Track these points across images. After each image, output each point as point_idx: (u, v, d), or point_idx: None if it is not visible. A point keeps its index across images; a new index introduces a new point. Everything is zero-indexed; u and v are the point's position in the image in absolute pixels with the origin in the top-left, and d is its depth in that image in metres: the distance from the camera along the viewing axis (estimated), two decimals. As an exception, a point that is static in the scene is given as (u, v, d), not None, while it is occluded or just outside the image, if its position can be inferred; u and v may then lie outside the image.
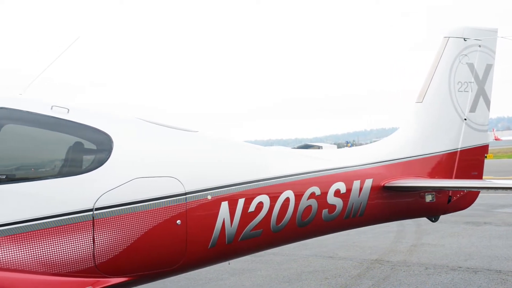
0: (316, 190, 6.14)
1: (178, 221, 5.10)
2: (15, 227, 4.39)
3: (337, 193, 6.33)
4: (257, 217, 5.65)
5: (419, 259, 10.88)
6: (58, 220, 4.55)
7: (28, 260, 4.42)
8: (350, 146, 53.58)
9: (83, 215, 4.65)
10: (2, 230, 4.35)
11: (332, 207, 6.29)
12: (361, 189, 6.57)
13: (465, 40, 7.90)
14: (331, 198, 6.27)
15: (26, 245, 4.41)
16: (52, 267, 4.50)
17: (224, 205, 5.41)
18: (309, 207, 6.07)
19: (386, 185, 6.80)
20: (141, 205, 4.90)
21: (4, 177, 4.51)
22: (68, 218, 4.59)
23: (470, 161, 7.97)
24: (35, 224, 4.47)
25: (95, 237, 4.69)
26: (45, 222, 4.50)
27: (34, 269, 4.43)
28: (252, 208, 5.60)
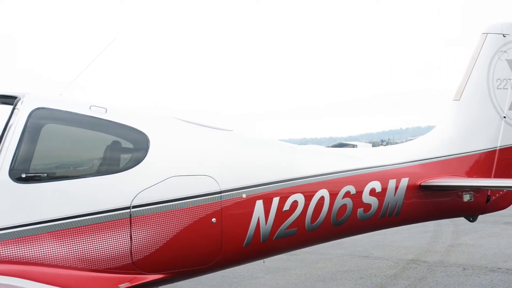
0: (351, 189, 6.10)
1: (213, 219, 5.15)
2: (55, 224, 4.50)
3: (372, 192, 6.27)
4: (292, 215, 5.65)
5: (456, 259, 10.70)
6: (97, 217, 4.65)
7: (68, 256, 4.53)
8: (385, 145, 52.99)
9: (121, 213, 4.74)
10: (43, 227, 4.47)
11: (368, 206, 6.24)
12: (396, 188, 6.50)
13: (504, 36, 7.73)
14: (366, 197, 6.23)
15: (66, 241, 4.53)
16: (91, 263, 4.61)
17: (259, 204, 5.43)
18: (344, 206, 6.04)
19: (422, 184, 6.71)
20: (177, 203, 4.97)
21: (45, 175, 4.64)
22: (106, 215, 4.69)
23: (510, 159, 7.79)
24: (75, 221, 4.57)
25: (132, 235, 4.77)
26: (84, 219, 4.61)
27: (74, 265, 4.54)
28: (286, 206, 5.61)
